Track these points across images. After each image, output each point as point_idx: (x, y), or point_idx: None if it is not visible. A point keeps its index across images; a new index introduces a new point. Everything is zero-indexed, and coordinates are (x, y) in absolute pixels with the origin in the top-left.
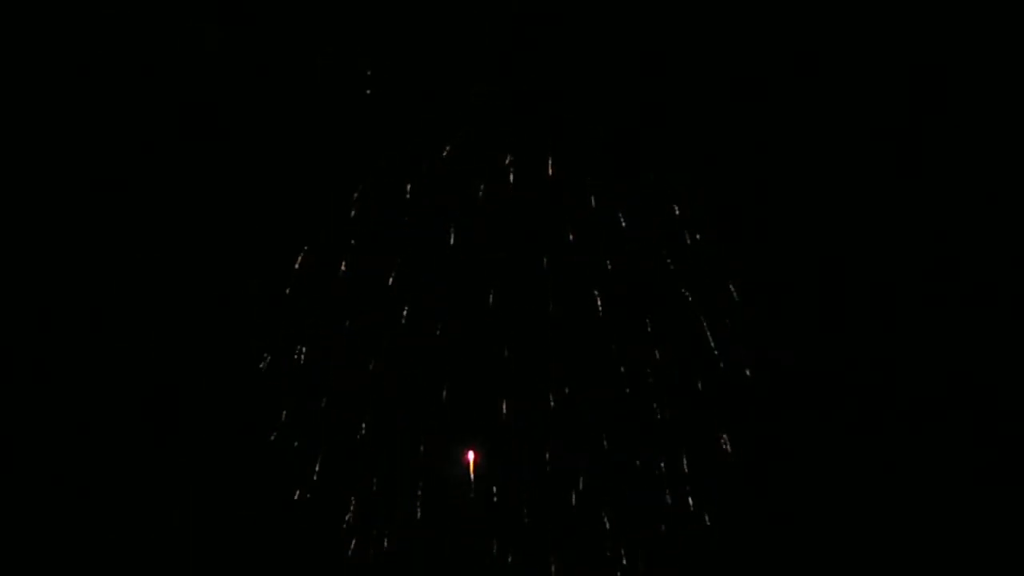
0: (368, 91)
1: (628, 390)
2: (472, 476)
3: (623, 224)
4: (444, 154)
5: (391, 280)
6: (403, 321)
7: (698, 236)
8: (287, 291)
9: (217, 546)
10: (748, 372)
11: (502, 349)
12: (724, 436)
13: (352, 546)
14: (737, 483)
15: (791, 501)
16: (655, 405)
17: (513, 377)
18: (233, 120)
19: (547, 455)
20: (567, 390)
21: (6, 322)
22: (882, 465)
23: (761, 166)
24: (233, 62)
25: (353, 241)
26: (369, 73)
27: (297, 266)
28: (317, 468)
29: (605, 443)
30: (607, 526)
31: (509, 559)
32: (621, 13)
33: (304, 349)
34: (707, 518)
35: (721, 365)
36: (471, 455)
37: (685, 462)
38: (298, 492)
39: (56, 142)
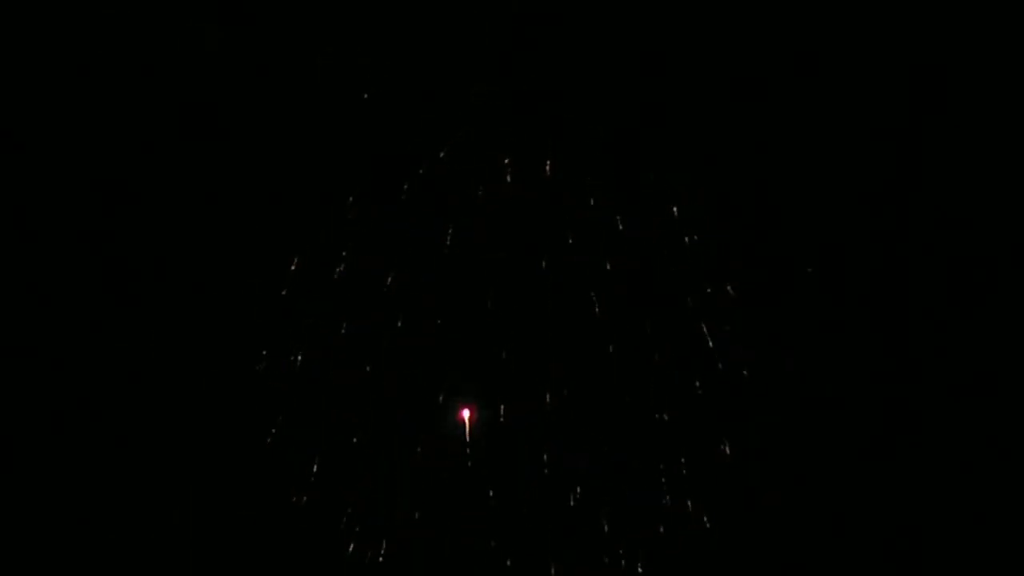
0: (366, 95)
1: (627, 391)
2: (467, 434)
3: (622, 225)
4: (443, 154)
5: (389, 280)
6: (399, 323)
7: (696, 237)
8: (286, 291)
9: (217, 546)
10: (746, 373)
11: (501, 350)
12: (723, 437)
13: (351, 547)
14: (736, 484)
15: (790, 502)
16: (654, 406)
17: (512, 378)
18: (233, 120)
19: (545, 456)
20: (566, 391)
21: (3, 321)
22: (883, 466)
23: (761, 166)
24: (233, 62)
25: (352, 241)
26: (366, 85)
27: (296, 266)
28: (315, 469)
29: (604, 445)
30: (606, 528)
31: (508, 562)
32: (621, 13)
33: (302, 350)
34: (706, 520)
35: (720, 367)
36: (466, 413)
37: (684, 464)
38: (296, 494)
39: (56, 142)
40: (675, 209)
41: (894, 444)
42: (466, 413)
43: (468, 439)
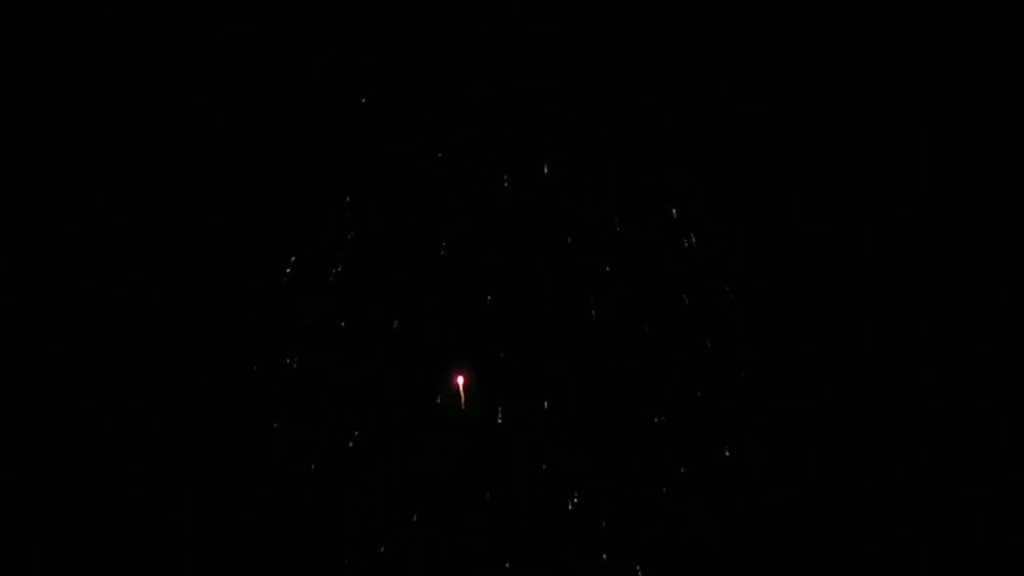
0: (364, 100)
1: (626, 392)
2: (463, 400)
3: (623, 225)
4: (442, 155)
5: (388, 280)
6: (398, 323)
7: (694, 239)
8: (284, 292)
9: (215, 546)
10: (745, 374)
11: (500, 350)
12: (723, 438)
13: (348, 548)
14: (736, 486)
15: (790, 503)
16: (653, 407)
17: (511, 378)
18: (232, 120)
19: (545, 457)
20: (565, 391)
21: (2, 321)
22: (884, 468)
23: (761, 167)
24: (233, 62)
25: (350, 241)
26: (366, 85)
27: (294, 267)
28: (312, 469)
29: (604, 444)
30: (605, 529)
31: (507, 564)
32: (621, 13)
33: (300, 350)
34: (706, 522)
35: (719, 368)
36: (460, 379)
37: (683, 465)
38: (294, 494)
39: (54, 141)
40: (674, 210)
41: (895, 445)
42: (460, 380)
43: (463, 407)
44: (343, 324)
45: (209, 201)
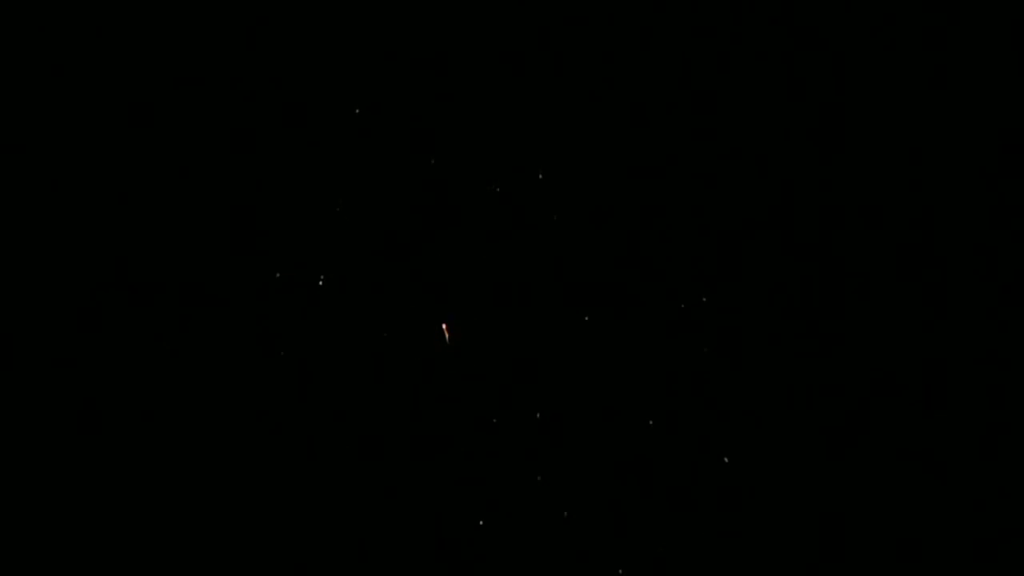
0: (358, 110)
1: (622, 395)
2: (448, 340)
3: (619, 224)
4: (434, 162)
5: (380, 283)
6: (391, 325)
7: (689, 241)
8: (277, 292)
9: (211, 546)
10: (743, 374)
11: (493, 352)
12: (720, 439)
13: (341, 550)
14: (734, 487)
15: (790, 505)
16: (649, 410)
17: (504, 380)
18: (232, 120)
19: (538, 462)
20: (559, 396)
21: (4, 320)
22: (884, 467)
23: (760, 166)
24: (233, 62)
25: (344, 243)
26: (363, 87)
27: (288, 268)
28: (308, 471)
29: (599, 449)
30: (602, 533)
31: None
32: (620, 13)
33: (293, 351)
34: (704, 522)
35: (714, 370)
36: (445, 327)
37: (681, 467)
38: (290, 496)
39: (53, 141)
40: (670, 210)
41: (895, 444)
42: (444, 326)
43: (448, 343)
44: (335, 325)
45: (205, 201)
